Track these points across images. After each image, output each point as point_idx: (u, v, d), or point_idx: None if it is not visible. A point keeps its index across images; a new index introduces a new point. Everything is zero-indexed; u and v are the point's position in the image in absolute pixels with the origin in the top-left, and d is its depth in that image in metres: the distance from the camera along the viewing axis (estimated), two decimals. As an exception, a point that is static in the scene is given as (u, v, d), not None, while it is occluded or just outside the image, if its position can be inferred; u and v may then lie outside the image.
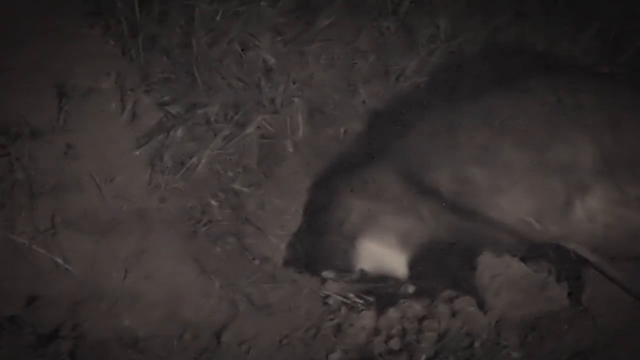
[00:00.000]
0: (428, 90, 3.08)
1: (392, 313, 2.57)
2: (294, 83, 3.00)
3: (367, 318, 2.58)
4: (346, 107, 3.09)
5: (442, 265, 2.83)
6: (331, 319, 2.60)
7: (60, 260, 2.49)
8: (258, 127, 2.92)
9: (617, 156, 2.57)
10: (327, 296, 2.77)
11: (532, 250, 2.63)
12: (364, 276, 2.82)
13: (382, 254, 2.84)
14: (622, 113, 2.62)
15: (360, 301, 2.73)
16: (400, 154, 2.79)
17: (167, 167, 2.76)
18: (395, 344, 2.50)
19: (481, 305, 2.54)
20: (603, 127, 2.59)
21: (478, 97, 2.78)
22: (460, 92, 2.96)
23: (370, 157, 2.90)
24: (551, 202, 2.56)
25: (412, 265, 2.85)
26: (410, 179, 2.74)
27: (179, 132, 2.79)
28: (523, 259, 2.60)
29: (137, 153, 2.72)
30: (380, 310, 2.60)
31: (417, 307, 2.58)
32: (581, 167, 2.56)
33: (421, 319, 2.54)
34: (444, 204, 2.70)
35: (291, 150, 3.05)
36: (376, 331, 2.54)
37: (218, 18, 2.87)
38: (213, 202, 2.85)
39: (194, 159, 2.79)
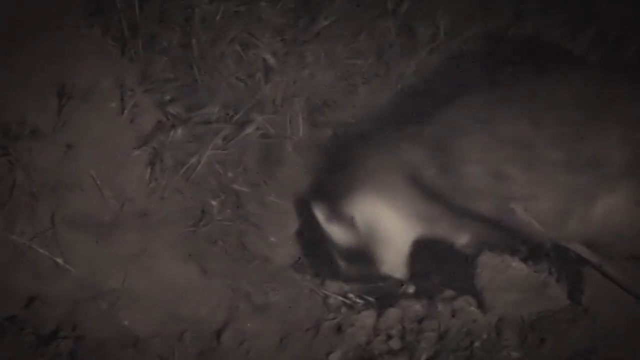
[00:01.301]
0: (426, 91, 3.08)
1: (392, 313, 2.57)
2: (294, 83, 3.00)
3: (367, 318, 2.58)
4: (346, 107, 3.09)
5: (442, 265, 2.83)
6: (331, 319, 2.60)
7: (60, 260, 2.49)
8: (258, 127, 2.92)
9: None
10: (327, 296, 2.77)
11: (532, 250, 2.63)
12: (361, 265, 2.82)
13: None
14: None
15: (360, 301, 2.74)
16: (402, 153, 2.79)
17: (167, 167, 2.76)
18: (395, 344, 2.50)
19: (481, 305, 2.54)
20: (635, 122, 2.50)
21: (475, 95, 2.77)
22: (460, 93, 2.95)
23: (371, 156, 2.90)
24: (576, 200, 2.51)
25: (412, 261, 2.85)
26: (412, 178, 2.73)
27: (179, 132, 2.79)
28: (523, 259, 2.60)
29: (137, 153, 2.72)
30: (380, 310, 2.60)
31: (417, 307, 2.58)
32: (610, 164, 2.51)
33: (421, 319, 2.54)
34: (442, 203, 2.70)
35: (291, 150, 3.05)
36: (376, 331, 2.54)
37: (218, 18, 2.86)
38: (213, 202, 2.85)
39: (194, 159, 2.79)
